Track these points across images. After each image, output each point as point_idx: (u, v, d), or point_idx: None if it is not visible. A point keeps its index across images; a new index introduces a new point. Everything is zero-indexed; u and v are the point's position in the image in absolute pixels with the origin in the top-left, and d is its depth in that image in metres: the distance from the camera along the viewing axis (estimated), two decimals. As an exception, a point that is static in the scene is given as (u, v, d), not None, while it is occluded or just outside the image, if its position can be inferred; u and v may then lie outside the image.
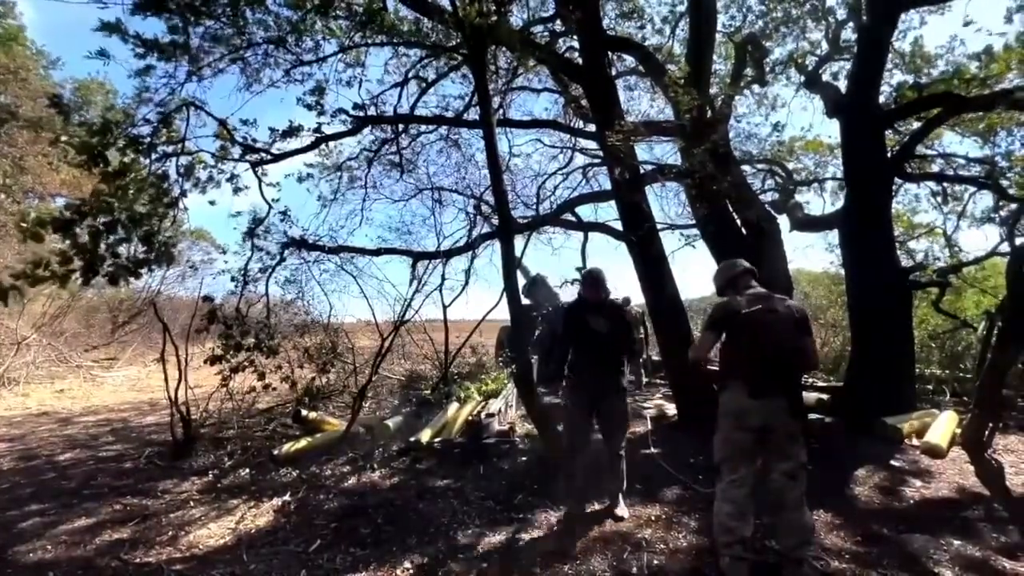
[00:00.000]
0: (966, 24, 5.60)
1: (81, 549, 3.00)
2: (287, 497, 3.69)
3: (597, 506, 3.36)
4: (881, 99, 5.81)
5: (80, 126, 3.59)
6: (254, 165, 4.88)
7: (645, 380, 7.70)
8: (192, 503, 3.70)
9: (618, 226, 5.72)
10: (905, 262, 7.23)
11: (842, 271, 6.37)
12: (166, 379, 4.89)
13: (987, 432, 4.15)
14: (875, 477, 3.71)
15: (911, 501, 3.36)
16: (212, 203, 4.84)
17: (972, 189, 7.15)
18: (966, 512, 3.18)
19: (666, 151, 8.44)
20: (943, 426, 4.39)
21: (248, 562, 2.79)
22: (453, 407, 5.47)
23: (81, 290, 13.53)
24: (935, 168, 7.27)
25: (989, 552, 2.69)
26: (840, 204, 6.69)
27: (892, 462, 3.95)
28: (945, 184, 7.27)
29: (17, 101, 11.15)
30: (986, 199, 7.34)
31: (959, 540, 2.81)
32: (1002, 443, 4.29)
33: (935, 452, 4.06)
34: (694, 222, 6.75)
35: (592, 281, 3.26)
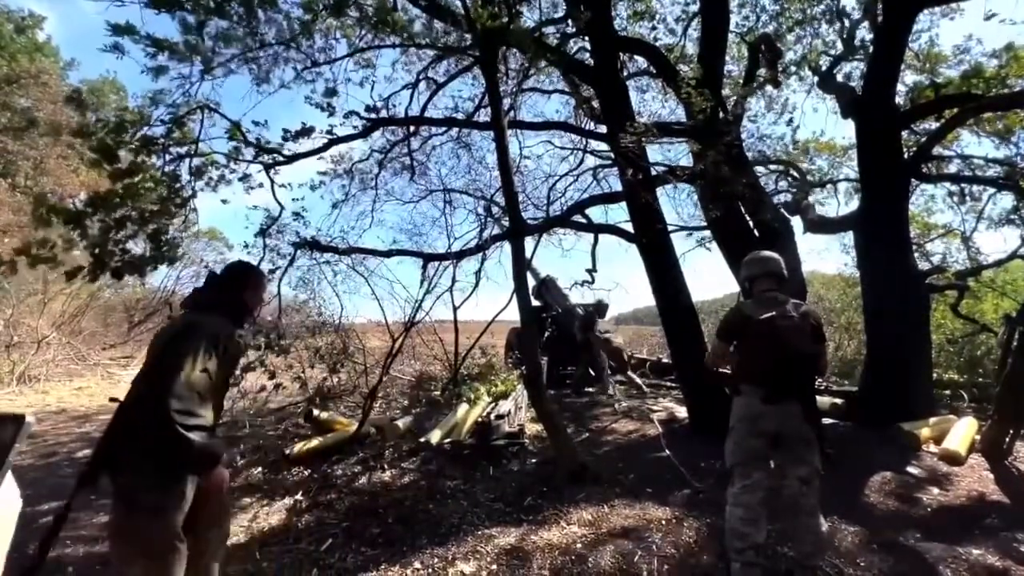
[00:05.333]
0: (987, 18, 5.47)
1: (99, 545, 3.05)
2: (299, 496, 3.72)
3: (606, 508, 3.34)
4: (897, 99, 5.72)
5: (96, 123, 3.65)
6: (267, 167, 4.93)
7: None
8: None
9: (629, 228, 5.70)
10: (922, 264, 7.12)
11: (857, 273, 6.29)
12: (181, 378, 4.95)
13: (1007, 439, 4.07)
14: (891, 484, 3.65)
15: (928, 508, 3.30)
16: (225, 202, 4.88)
17: (991, 190, 7.02)
18: (985, 520, 3.12)
19: (678, 152, 8.40)
20: (962, 432, 4.30)
21: (261, 560, 2.82)
22: (463, 408, 5.48)
23: (99, 290, 13.79)
24: (952, 169, 7.14)
25: (1009, 562, 2.63)
26: (855, 205, 6.61)
27: (909, 468, 3.88)
28: (963, 185, 7.14)
29: (37, 105, 11.41)
30: (1005, 200, 7.20)
31: (978, 549, 2.75)
32: (1023, 450, 4.19)
33: (953, 459, 3.98)
34: (706, 224, 6.69)
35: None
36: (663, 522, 3.14)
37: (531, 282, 8.22)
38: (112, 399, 1.85)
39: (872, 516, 3.20)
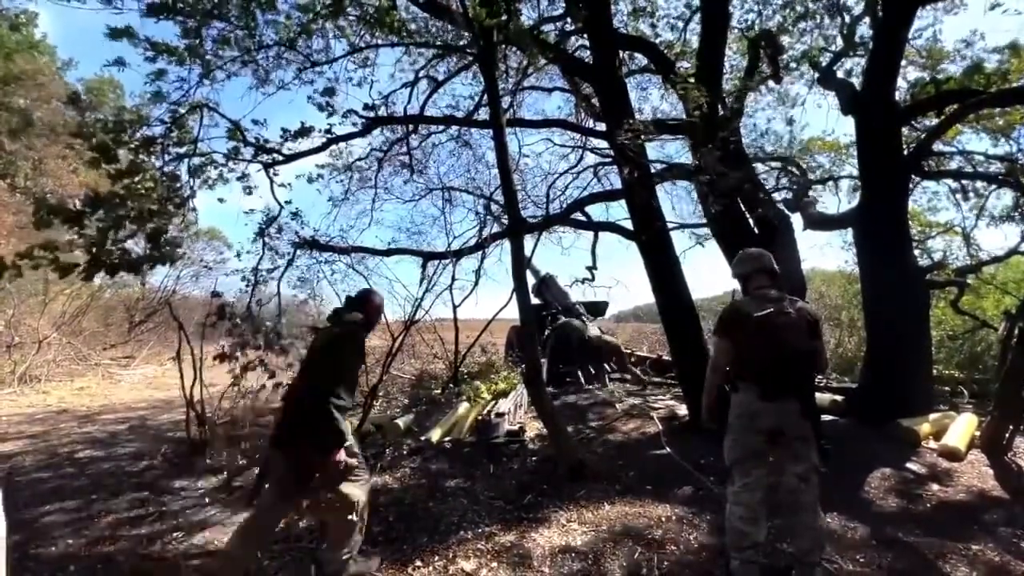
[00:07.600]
0: (992, 8, 5.44)
1: (101, 544, 3.06)
2: (300, 495, 3.73)
3: (606, 506, 3.35)
4: (897, 95, 5.70)
5: (96, 123, 3.65)
6: (266, 166, 4.92)
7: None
8: (208, 500, 3.76)
9: (628, 225, 5.69)
10: (922, 261, 7.11)
11: (857, 270, 6.28)
12: (182, 378, 4.97)
13: (1007, 435, 4.08)
14: (891, 480, 3.66)
15: (928, 504, 3.31)
16: (221, 200, 4.80)
17: (992, 186, 7.01)
18: (985, 516, 3.12)
19: (678, 149, 8.39)
20: (961, 428, 4.31)
21: (262, 559, 2.82)
22: (463, 407, 5.49)
23: (99, 290, 13.81)
24: (953, 165, 7.12)
25: (1008, 557, 2.64)
26: (855, 202, 6.59)
27: (908, 465, 3.88)
28: (964, 181, 7.12)
29: (34, 105, 11.38)
30: (1006, 197, 7.19)
31: (977, 544, 2.76)
32: (1022, 446, 4.20)
33: (953, 455, 3.99)
34: (705, 221, 6.69)
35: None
36: (663, 519, 3.15)
37: (531, 280, 8.22)
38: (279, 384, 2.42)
39: (872, 512, 3.20)
